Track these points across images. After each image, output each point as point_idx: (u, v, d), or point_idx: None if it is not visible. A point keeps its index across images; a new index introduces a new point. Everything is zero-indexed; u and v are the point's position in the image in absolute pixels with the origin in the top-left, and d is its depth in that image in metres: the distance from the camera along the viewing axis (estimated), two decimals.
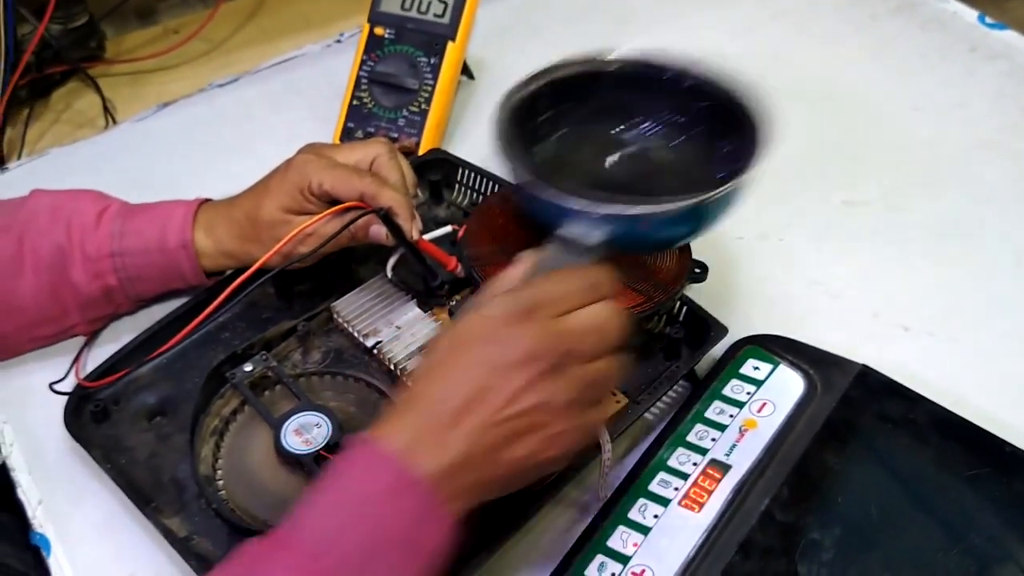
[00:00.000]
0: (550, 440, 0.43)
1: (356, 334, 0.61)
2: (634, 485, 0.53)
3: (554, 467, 0.45)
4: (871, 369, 0.57)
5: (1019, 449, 0.53)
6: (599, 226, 0.50)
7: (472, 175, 0.71)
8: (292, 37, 0.95)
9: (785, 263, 0.69)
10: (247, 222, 0.59)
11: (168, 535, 0.51)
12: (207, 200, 0.63)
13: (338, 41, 0.89)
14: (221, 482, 0.55)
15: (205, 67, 0.93)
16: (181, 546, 0.51)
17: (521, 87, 0.60)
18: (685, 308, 0.60)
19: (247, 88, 0.85)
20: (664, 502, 0.51)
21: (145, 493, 0.54)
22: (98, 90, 0.90)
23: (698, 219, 0.53)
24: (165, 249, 0.60)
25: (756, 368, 0.58)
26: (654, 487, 0.52)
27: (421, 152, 0.75)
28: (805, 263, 0.69)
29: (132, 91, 0.92)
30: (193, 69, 0.93)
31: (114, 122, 0.88)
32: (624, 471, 0.54)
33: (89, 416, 0.58)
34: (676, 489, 0.52)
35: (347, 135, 0.76)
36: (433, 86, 0.75)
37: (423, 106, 0.75)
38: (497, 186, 0.69)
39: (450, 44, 0.75)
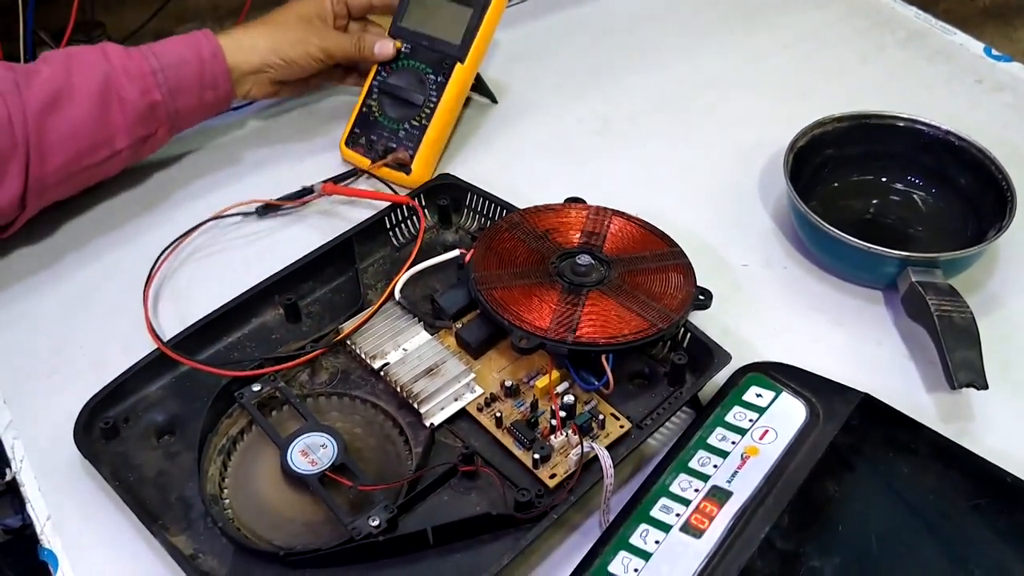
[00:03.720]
0: None
1: (363, 356, 0.62)
2: (636, 510, 0.53)
3: None
4: (873, 398, 0.57)
5: (1021, 480, 0.53)
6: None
7: (480, 200, 0.72)
8: None
9: (789, 290, 0.70)
10: (290, 18, 0.75)
11: (174, 552, 0.52)
12: None
13: None
14: (227, 501, 0.55)
15: None
16: (186, 564, 0.51)
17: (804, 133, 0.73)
18: (689, 335, 0.61)
19: (263, 110, 0.86)
20: (665, 528, 0.52)
21: (152, 511, 0.55)
22: None
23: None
24: (201, 59, 0.71)
25: (759, 395, 0.58)
26: (656, 512, 0.52)
27: (415, 169, 0.76)
28: (809, 291, 0.70)
29: None
30: None
31: None
32: (626, 496, 0.54)
33: (99, 433, 0.59)
34: (678, 515, 0.52)
35: (353, 140, 0.79)
36: (436, 104, 0.77)
37: (423, 122, 0.77)
38: (505, 211, 0.70)
39: (459, 66, 0.76)
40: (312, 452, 0.55)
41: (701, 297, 0.62)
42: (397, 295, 0.64)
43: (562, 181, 0.76)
